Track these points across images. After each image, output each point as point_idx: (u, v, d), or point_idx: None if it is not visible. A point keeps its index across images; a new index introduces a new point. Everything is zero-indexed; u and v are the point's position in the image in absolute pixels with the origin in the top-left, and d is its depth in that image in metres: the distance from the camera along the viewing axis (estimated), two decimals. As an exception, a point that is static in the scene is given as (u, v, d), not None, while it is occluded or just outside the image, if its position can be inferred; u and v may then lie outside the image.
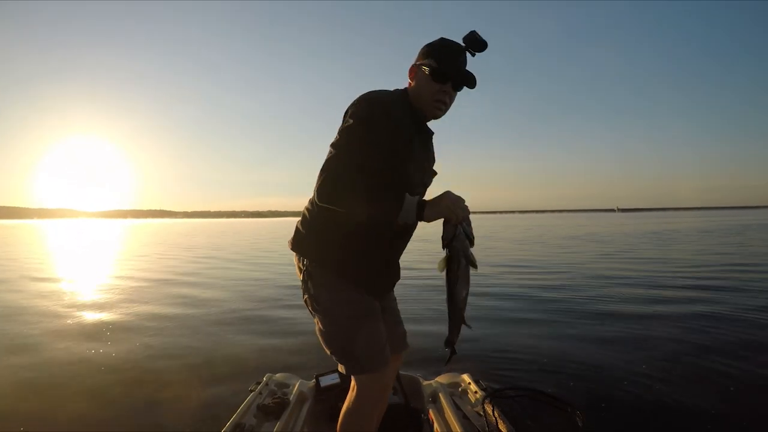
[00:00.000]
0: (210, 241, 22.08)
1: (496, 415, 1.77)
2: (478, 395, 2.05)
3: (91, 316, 5.22)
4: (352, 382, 1.44)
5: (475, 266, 1.29)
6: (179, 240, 24.26)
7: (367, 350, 1.38)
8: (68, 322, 4.92)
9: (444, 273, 1.29)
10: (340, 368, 1.42)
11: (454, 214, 1.23)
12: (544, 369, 3.18)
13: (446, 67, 1.33)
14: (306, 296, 1.43)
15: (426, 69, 1.35)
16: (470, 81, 1.37)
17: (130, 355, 3.68)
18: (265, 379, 2.27)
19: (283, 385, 2.26)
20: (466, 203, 1.26)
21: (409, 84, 1.43)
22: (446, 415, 1.92)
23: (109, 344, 4.02)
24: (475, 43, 1.36)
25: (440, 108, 1.38)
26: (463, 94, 1.44)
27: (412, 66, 1.41)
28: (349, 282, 1.38)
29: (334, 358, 1.42)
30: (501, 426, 1.72)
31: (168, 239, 25.44)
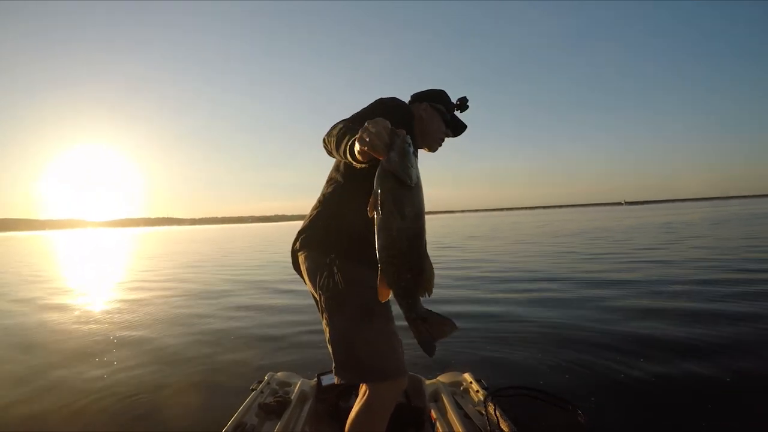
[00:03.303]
0: (218, 247, 22.20)
1: (498, 414, 1.75)
2: (479, 394, 2.03)
3: (93, 316, 5.28)
4: (363, 388, 1.35)
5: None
6: (187, 247, 24.42)
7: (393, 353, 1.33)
8: (71, 322, 4.98)
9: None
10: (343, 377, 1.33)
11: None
12: (546, 368, 3.13)
13: (456, 120, 1.64)
14: (328, 294, 1.35)
15: (437, 113, 1.58)
16: (461, 130, 1.68)
17: (131, 353, 3.71)
18: (266, 377, 2.27)
19: (285, 384, 2.25)
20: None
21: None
22: (448, 414, 1.90)
23: (113, 340, 4.06)
24: (464, 107, 1.65)
25: (439, 145, 1.63)
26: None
27: (423, 102, 1.58)
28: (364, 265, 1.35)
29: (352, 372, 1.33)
30: (503, 425, 1.70)
31: (175, 247, 25.61)
